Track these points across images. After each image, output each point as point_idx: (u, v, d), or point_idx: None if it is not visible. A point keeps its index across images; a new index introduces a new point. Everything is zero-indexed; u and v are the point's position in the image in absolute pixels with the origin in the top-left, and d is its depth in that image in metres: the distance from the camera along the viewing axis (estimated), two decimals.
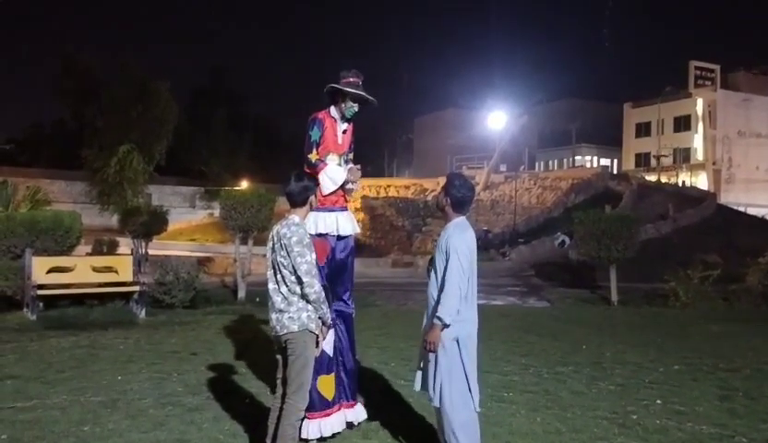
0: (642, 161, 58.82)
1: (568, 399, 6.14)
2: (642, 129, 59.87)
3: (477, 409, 4.18)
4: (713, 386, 6.75)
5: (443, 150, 58.98)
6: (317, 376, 4.71)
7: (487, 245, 29.13)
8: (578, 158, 61.72)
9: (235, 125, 54.73)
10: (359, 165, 5.27)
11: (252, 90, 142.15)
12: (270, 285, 4.15)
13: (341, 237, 5.10)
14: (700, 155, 55.84)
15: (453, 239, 4.08)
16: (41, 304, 10.19)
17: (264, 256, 4.41)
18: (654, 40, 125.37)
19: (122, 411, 5.52)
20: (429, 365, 4.17)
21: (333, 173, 5.03)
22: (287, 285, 4.06)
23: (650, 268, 17.16)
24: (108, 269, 11.18)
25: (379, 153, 73.01)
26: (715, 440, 5.12)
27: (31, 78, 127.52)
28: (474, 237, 4.21)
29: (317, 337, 4.12)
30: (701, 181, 53.57)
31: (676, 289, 13.56)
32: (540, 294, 16.70)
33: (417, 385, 4.34)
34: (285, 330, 4.05)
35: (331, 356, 4.94)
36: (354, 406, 5.11)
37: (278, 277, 4.10)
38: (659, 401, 6.10)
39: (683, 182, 50.68)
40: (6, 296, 10.65)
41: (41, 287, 10.21)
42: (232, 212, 12.99)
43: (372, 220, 38.20)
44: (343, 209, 5.18)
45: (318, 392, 4.80)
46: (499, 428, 5.17)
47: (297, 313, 4.04)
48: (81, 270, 10.85)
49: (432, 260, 4.28)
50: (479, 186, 41.99)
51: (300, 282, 4.01)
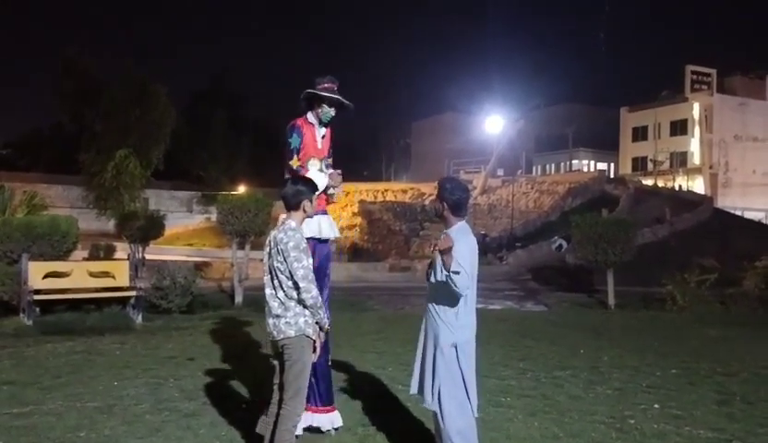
0: (639, 165, 58.96)
1: (565, 403, 6.14)
2: (639, 133, 60.01)
3: (476, 414, 4.16)
4: (710, 390, 6.75)
5: (441, 155, 59.03)
6: None
7: (485, 250, 29.11)
8: (575, 162, 61.83)
9: (234, 128, 54.64)
10: (339, 170, 5.34)
11: (252, 94, 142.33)
12: (267, 290, 4.14)
13: (321, 241, 5.17)
14: (696, 159, 55.95)
15: (456, 244, 4.06)
16: (37, 309, 10.15)
17: (261, 260, 4.40)
18: (651, 44, 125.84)
19: (118, 416, 5.50)
20: (427, 370, 4.16)
21: (313, 177, 5.05)
22: (284, 290, 4.05)
23: (647, 272, 17.18)
24: (105, 274, 11.15)
25: (377, 157, 73.13)
26: None
27: (29, 82, 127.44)
28: (476, 242, 4.20)
29: (314, 342, 4.11)
30: (697, 185, 53.67)
31: (673, 293, 13.58)
32: (537, 298, 16.70)
33: (414, 388, 4.32)
34: (282, 335, 4.05)
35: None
36: (331, 411, 5.12)
37: (275, 282, 4.09)
38: (657, 406, 6.09)
39: (680, 186, 50.75)
40: (3, 301, 10.62)
41: (37, 292, 10.17)
42: (229, 217, 12.99)
43: (370, 224, 38.18)
44: (324, 212, 5.25)
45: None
46: (497, 433, 5.16)
47: (294, 318, 4.04)
48: (78, 275, 10.82)
49: (432, 265, 4.27)
50: (477, 191, 42.03)
51: (297, 287, 4.01)
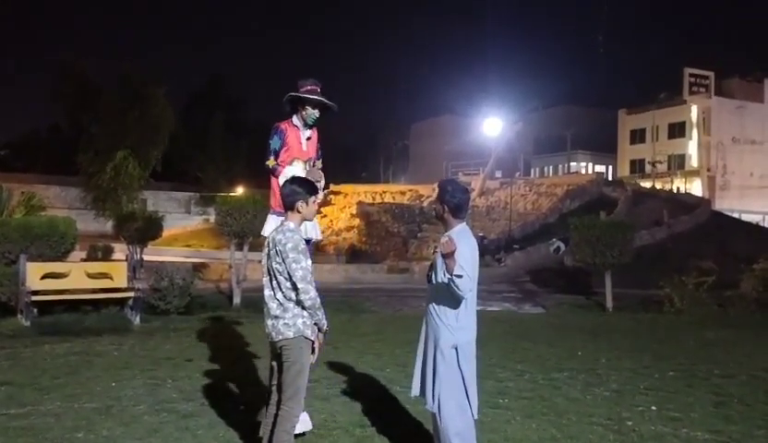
0: (637, 167, 59.02)
1: (563, 405, 6.14)
2: (637, 136, 60.08)
3: (475, 416, 4.16)
4: (708, 392, 6.76)
5: (439, 156, 59.08)
6: None
7: (483, 252, 29.09)
8: (573, 164, 61.85)
9: (232, 130, 54.66)
10: (321, 165, 5.36)
11: (250, 95, 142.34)
12: (266, 291, 4.14)
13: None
14: (694, 162, 56.03)
15: (458, 246, 4.07)
16: (35, 310, 10.13)
17: (259, 262, 4.40)
18: (649, 46, 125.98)
19: (116, 417, 5.49)
20: (428, 372, 4.16)
21: (290, 172, 5.11)
22: (283, 291, 4.05)
23: (645, 274, 17.19)
24: (103, 275, 11.14)
25: (375, 159, 73.17)
26: None
27: (28, 84, 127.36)
28: (476, 245, 4.20)
29: (312, 343, 4.11)
30: (695, 187, 53.73)
31: (671, 295, 13.58)
32: (535, 300, 16.71)
33: (415, 390, 4.32)
34: (281, 337, 4.05)
35: None
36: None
37: (273, 283, 4.09)
38: (654, 408, 6.10)
39: (678, 188, 50.80)
40: (1, 302, 10.61)
41: (35, 293, 10.16)
42: (227, 218, 12.99)
43: (368, 225, 38.13)
44: None
45: None
46: (495, 435, 5.17)
47: (293, 319, 4.04)
48: (76, 276, 10.81)
49: (432, 266, 4.27)
50: (475, 193, 42.01)
51: (295, 289, 4.01)
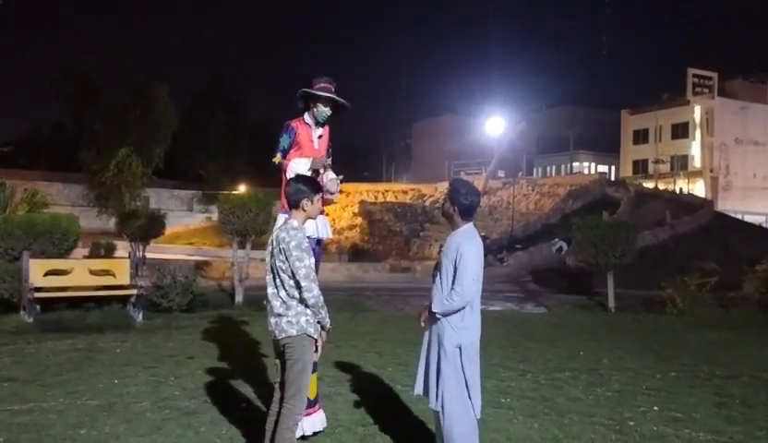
0: (640, 167, 58.98)
1: (565, 405, 6.14)
2: (640, 136, 60.03)
3: (478, 415, 4.16)
4: (710, 393, 6.75)
5: (441, 156, 59.04)
6: None
7: (485, 251, 29.05)
8: (576, 164, 61.83)
9: (234, 129, 54.75)
10: (341, 176, 5.25)
11: (251, 94, 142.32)
12: (269, 289, 4.15)
13: (318, 241, 5.14)
14: (697, 162, 55.97)
15: (464, 246, 4.06)
16: (38, 306, 10.16)
17: (262, 260, 4.40)
18: (653, 47, 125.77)
19: (119, 414, 5.51)
20: (431, 371, 4.16)
21: (294, 163, 5.05)
22: (286, 289, 4.05)
23: (647, 274, 17.17)
24: (105, 273, 11.16)
25: (378, 158, 73.12)
26: None
27: (31, 81, 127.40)
28: (482, 246, 4.20)
29: (315, 341, 4.11)
30: (698, 188, 53.68)
31: (673, 296, 13.56)
32: (538, 300, 16.71)
33: (419, 389, 4.31)
34: (284, 335, 4.05)
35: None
36: (318, 411, 5.11)
37: (277, 281, 4.10)
38: (656, 408, 6.10)
39: (680, 189, 50.78)
40: (3, 299, 10.63)
41: (38, 290, 10.19)
42: (230, 216, 13.00)
43: (370, 224, 38.16)
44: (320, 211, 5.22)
45: None
46: (497, 434, 5.17)
47: (296, 317, 4.04)
48: (78, 273, 10.83)
49: (437, 266, 4.27)
50: None
51: (299, 287, 4.01)
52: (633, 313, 13.54)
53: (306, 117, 5.24)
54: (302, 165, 5.06)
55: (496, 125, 48.15)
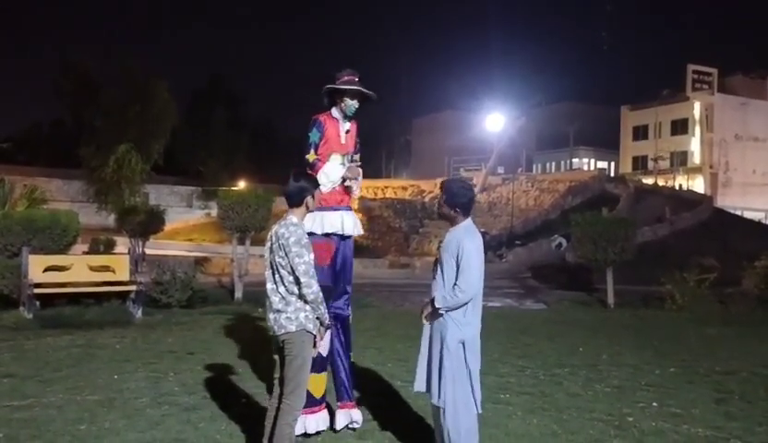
0: (640, 164, 58.98)
1: (564, 400, 6.15)
2: (640, 132, 60.01)
3: (479, 410, 4.17)
4: (709, 388, 6.76)
5: (441, 152, 59.02)
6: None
7: (485, 248, 29.07)
8: (575, 160, 61.84)
9: (234, 125, 54.72)
10: (359, 162, 5.23)
11: (251, 92, 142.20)
12: (269, 285, 4.15)
13: (344, 237, 5.08)
14: (697, 158, 55.97)
15: (466, 242, 4.06)
16: (37, 302, 10.16)
17: (261, 256, 4.40)
18: (652, 43, 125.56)
19: (118, 410, 5.51)
20: (433, 367, 4.15)
21: (329, 168, 5.01)
22: (285, 285, 4.06)
23: (646, 270, 17.19)
24: (105, 269, 11.16)
25: (377, 154, 73.00)
26: None
27: (31, 79, 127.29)
28: (482, 242, 4.20)
29: (314, 337, 4.12)
30: (697, 184, 53.69)
31: (672, 292, 13.57)
32: (537, 296, 16.72)
33: (420, 386, 4.29)
34: (283, 330, 4.05)
35: (324, 356, 4.96)
36: (354, 408, 5.14)
37: (276, 277, 4.10)
38: (655, 404, 6.11)
39: (680, 185, 50.78)
40: (3, 295, 10.64)
41: (37, 286, 10.19)
42: (229, 212, 12.98)
43: (369, 221, 38.13)
44: (348, 208, 5.16)
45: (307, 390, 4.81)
46: (496, 430, 5.17)
47: (295, 313, 4.04)
48: (78, 269, 10.83)
49: (438, 261, 4.27)
50: (477, 188, 42.04)
51: (298, 283, 4.01)
52: (632, 309, 13.54)
53: (334, 112, 5.12)
54: (336, 172, 5.00)
55: (495, 121, 48.11)
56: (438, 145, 61.50)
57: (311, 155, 5.03)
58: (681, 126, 56.76)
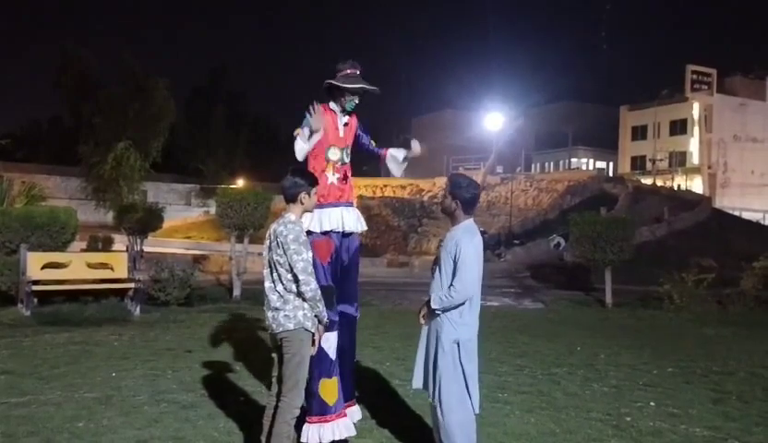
0: (638, 164, 58.98)
1: (562, 400, 6.16)
2: (639, 132, 60.02)
3: (476, 410, 4.15)
4: (706, 389, 6.77)
5: (440, 151, 58.95)
6: (319, 378, 4.67)
7: (483, 247, 29.12)
8: (574, 160, 61.86)
9: (233, 123, 54.66)
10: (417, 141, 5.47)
11: (251, 89, 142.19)
12: (267, 283, 4.14)
13: (345, 235, 4.90)
14: (695, 159, 56.00)
15: (464, 242, 4.05)
16: (35, 299, 10.16)
17: (259, 254, 4.38)
18: (651, 43, 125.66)
19: (116, 407, 5.51)
20: (430, 365, 4.15)
21: (298, 146, 4.69)
22: (283, 283, 4.05)
23: (645, 271, 17.21)
24: (103, 266, 11.17)
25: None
26: None
27: (29, 74, 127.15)
28: (481, 242, 4.18)
29: (312, 335, 4.11)
30: (696, 185, 53.73)
31: (670, 292, 13.58)
32: (535, 296, 16.73)
33: (418, 383, 4.28)
34: (281, 329, 4.05)
35: (334, 359, 4.77)
36: (351, 406, 5.04)
37: (274, 275, 4.09)
38: (653, 404, 6.12)
39: (678, 185, 50.83)
40: (1, 292, 10.64)
41: (35, 283, 10.18)
42: (228, 210, 12.98)
43: (368, 219, 37.72)
44: (348, 204, 4.97)
45: (319, 396, 4.68)
46: (494, 429, 5.18)
47: (293, 311, 4.04)
48: (76, 267, 10.83)
49: (436, 261, 4.26)
50: None
51: (296, 280, 4.01)
52: (630, 309, 13.55)
53: (332, 105, 4.99)
54: (300, 151, 4.69)
55: (494, 120, 48.12)
56: (438, 144, 61.36)
57: (297, 130, 4.78)
58: (680, 127, 56.77)
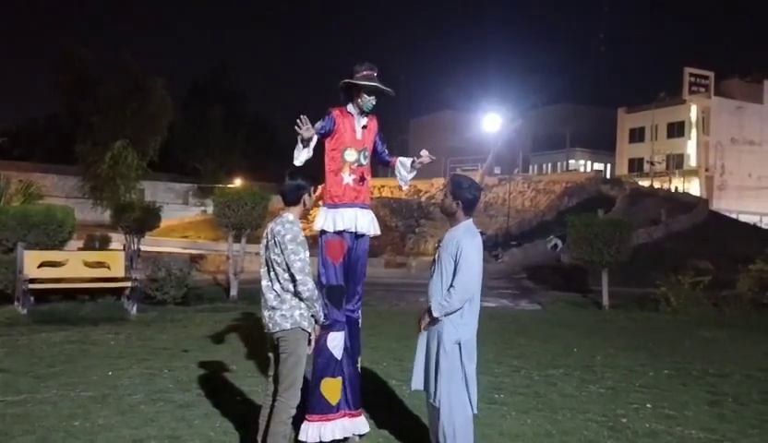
0: (636, 166, 59.03)
1: (558, 401, 6.16)
2: (636, 135, 60.08)
3: (475, 411, 4.16)
4: (702, 391, 6.78)
5: (438, 152, 57.87)
6: (321, 378, 4.67)
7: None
8: (572, 162, 61.92)
9: (231, 123, 54.63)
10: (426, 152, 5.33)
11: (249, 89, 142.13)
12: (264, 282, 4.14)
13: (358, 236, 4.90)
14: (693, 161, 56.05)
15: (464, 243, 4.04)
16: (32, 298, 10.14)
17: (257, 254, 4.38)
18: (650, 46, 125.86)
19: (112, 406, 5.50)
20: (431, 367, 4.15)
21: (296, 151, 4.64)
22: (280, 283, 4.05)
23: (641, 272, 17.23)
24: (100, 265, 11.15)
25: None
26: None
27: (27, 73, 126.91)
28: (481, 244, 4.18)
29: (309, 335, 4.11)
30: (693, 187, 53.78)
31: (667, 294, 13.60)
32: (532, 297, 16.75)
33: (417, 384, 4.26)
34: (277, 328, 4.05)
35: (339, 360, 4.76)
36: (357, 417, 4.90)
37: (271, 274, 4.09)
38: (649, 405, 6.13)
39: (676, 188, 50.89)
40: None
41: (32, 281, 10.16)
42: (225, 210, 12.98)
43: None
44: (364, 205, 4.96)
45: (322, 395, 4.69)
46: (490, 430, 5.18)
47: (290, 310, 4.04)
48: (73, 265, 10.81)
49: (436, 261, 4.26)
50: None
51: (293, 280, 4.01)
52: (627, 311, 13.58)
53: (350, 107, 4.95)
54: (300, 155, 4.61)
55: (492, 122, 48.18)
56: (436, 145, 60.97)
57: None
58: (678, 129, 56.82)
